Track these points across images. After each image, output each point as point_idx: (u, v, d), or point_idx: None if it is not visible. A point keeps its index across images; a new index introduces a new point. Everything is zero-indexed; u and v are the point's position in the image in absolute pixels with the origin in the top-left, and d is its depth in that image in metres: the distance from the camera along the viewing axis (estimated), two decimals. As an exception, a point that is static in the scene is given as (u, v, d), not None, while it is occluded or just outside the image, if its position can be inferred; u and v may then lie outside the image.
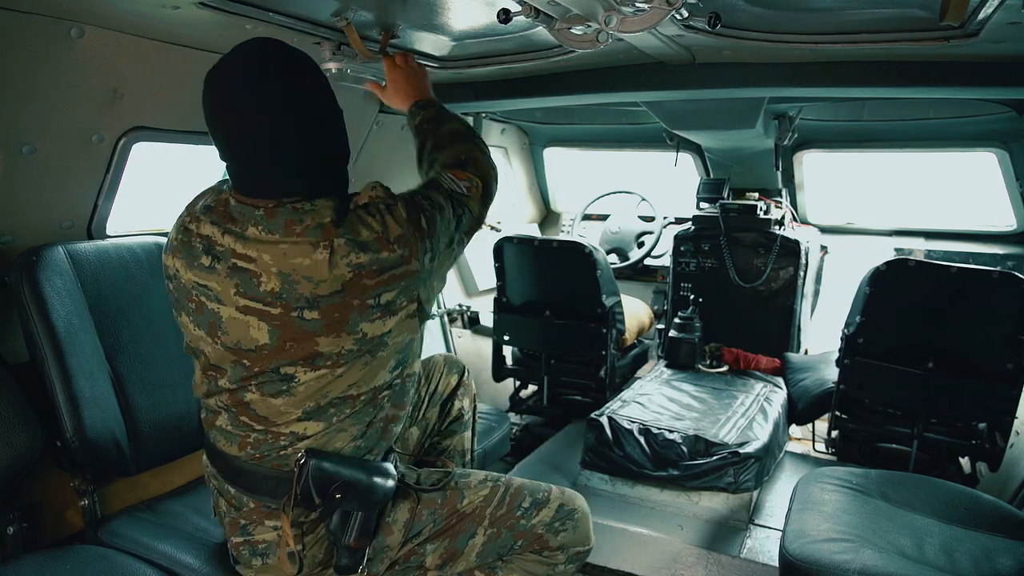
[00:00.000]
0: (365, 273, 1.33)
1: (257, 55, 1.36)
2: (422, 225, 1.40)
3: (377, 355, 1.43)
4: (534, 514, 1.67)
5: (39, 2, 1.62)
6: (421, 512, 1.59)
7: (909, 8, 1.77)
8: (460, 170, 1.62)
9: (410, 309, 1.42)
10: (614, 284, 3.46)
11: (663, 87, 2.57)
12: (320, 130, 1.41)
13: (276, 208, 1.36)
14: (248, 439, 1.48)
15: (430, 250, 1.42)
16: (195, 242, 1.42)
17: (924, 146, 3.82)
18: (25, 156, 1.90)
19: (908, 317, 2.76)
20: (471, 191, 1.58)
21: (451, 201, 1.51)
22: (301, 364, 1.38)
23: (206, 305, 1.42)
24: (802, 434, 3.47)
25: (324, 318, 1.34)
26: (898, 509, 1.98)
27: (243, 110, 1.34)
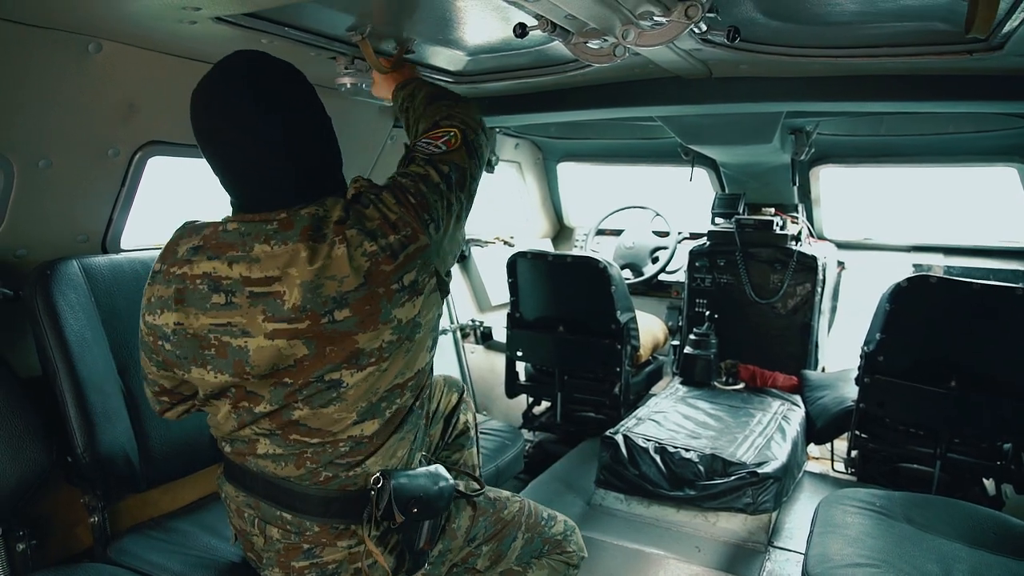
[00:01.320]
0: (381, 259, 1.33)
1: (243, 68, 1.36)
2: (411, 202, 1.40)
3: (415, 338, 1.43)
4: (552, 525, 1.88)
5: (57, 18, 1.62)
6: (478, 519, 1.71)
7: (931, 21, 1.74)
8: (435, 130, 1.62)
9: (432, 284, 1.43)
10: (629, 300, 3.43)
11: (679, 102, 2.55)
12: (317, 134, 1.43)
13: (290, 217, 1.34)
14: (305, 454, 1.43)
15: (432, 220, 1.41)
16: (197, 284, 1.34)
17: (943, 161, 3.77)
18: (42, 170, 1.90)
19: (930, 334, 2.71)
20: (450, 144, 1.56)
21: (431, 165, 1.49)
22: (345, 367, 1.35)
23: (230, 344, 1.34)
24: (820, 453, 3.41)
25: (356, 314, 1.32)
26: (923, 533, 1.92)
27: (240, 123, 1.32)
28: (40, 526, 1.94)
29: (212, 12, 1.61)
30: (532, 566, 1.87)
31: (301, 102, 1.40)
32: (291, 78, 1.40)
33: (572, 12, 1.53)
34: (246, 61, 1.37)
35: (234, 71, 1.35)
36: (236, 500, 1.55)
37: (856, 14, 1.75)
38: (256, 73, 1.35)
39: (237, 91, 1.33)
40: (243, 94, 1.33)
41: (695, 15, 1.52)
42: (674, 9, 1.54)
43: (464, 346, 4.30)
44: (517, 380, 3.76)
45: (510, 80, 2.51)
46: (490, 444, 2.70)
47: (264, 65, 1.37)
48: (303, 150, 1.38)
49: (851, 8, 1.71)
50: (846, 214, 4.36)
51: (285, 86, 1.38)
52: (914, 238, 4.18)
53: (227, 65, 1.36)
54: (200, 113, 1.35)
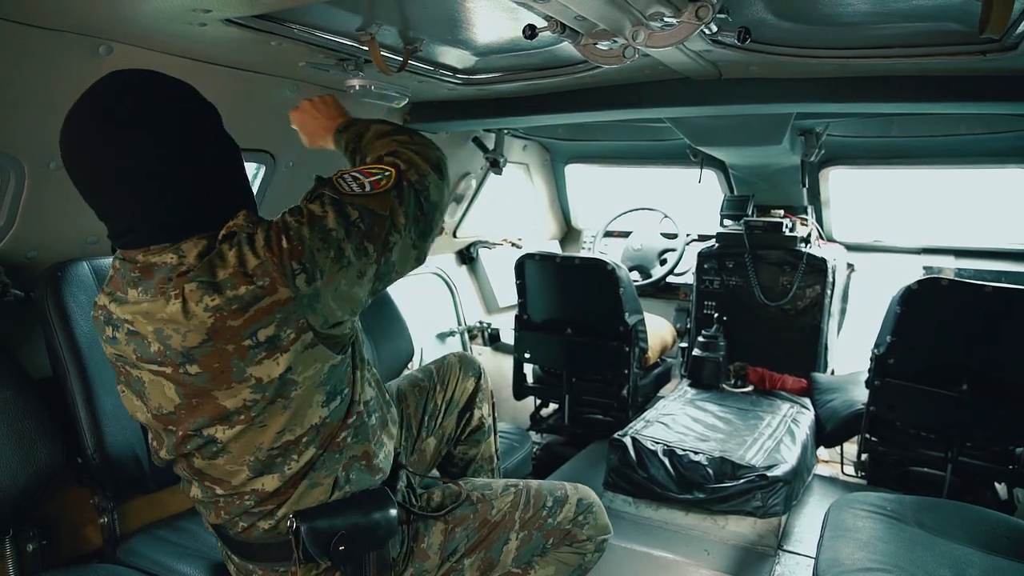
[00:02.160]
0: (227, 314, 1.19)
1: (110, 89, 1.24)
2: (283, 247, 1.21)
3: (291, 396, 1.29)
4: (558, 512, 1.71)
5: (69, 20, 1.63)
6: (455, 531, 1.59)
7: (944, 22, 1.73)
8: (371, 165, 1.41)
9: (305, 339, 1.26)
10: (637, 302, 3.42)
11: (689, 103, 2.55)
12: (189, 161, 1.26)
13: (148, 263, 1.25)
14: (219, 503, 1.42)
15: (303, 271, 1.21)
16: (99, 315, 1.35)
17: (954, 163, 3.75)
18: (52, 171, 1.91)
19: (941, 337, 2.68)
20: (377, 185, 1.33)
21: (335, 207, 1.27)
22: (217, 423, 1.29)
23: (130, 373, 1.34)
24: (830, 457, 3.38)
25: (206, 370, 1.23)
26: (936, 537, 1.91)
27: (95, 149, 1.21)
28: (50, 526, 1.95)
29: (222, 14, 1.62)
30: (535, 564, 1.69)
31: (170, 127, 1.24)
32: (166, 99, 1.26)
33: (582, 13, 1.52)
34: (115, 80, 1.25)
35: (99, 93, 1.24)
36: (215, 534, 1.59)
37: (867, 15, 1.75)
38: (121, 95, 1.23)
39: (96, 115, 1.22)
40: (100, 118, 1.21)
41: (706, 16, 1.51)
42: (684, 10, 1.54)
43: (472, 348, 4.30)
44: (525, 382, 3.76)
45: (518, 81, 2.51)
46: (499, 446, 2.70)
47: (133, 86, 1.25)
48: (167, 180, 1.23)
49: (862, 8, 1.71)
50: (856, 216, 4.33)
51: (153, 109, 1.23)
52: (925, 240, 4.15)
53: (95, 86, 1.25)
54: (63, 137, 1.25)
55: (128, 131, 1.20)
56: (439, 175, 1.45)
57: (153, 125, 1.22)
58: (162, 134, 1.23)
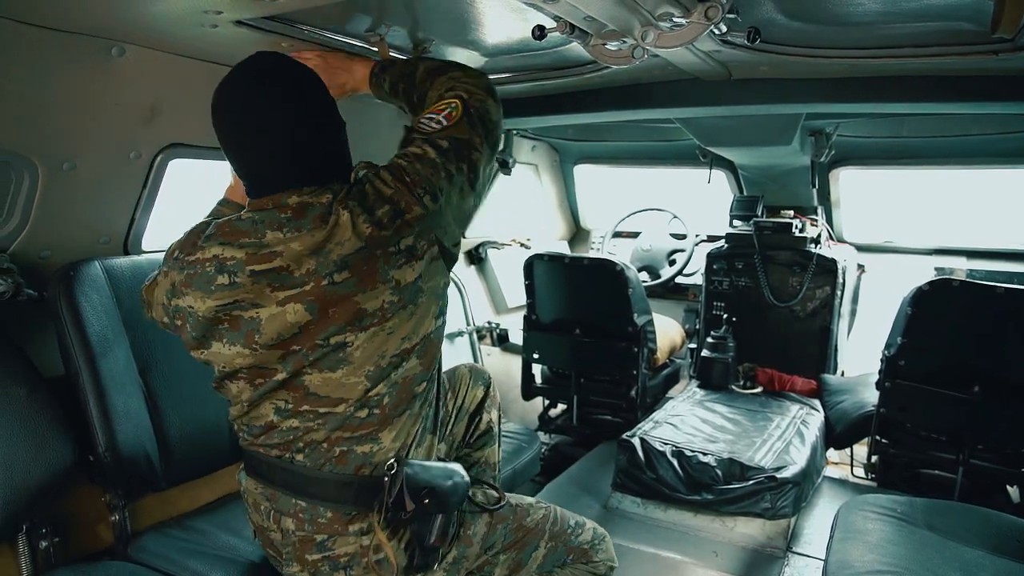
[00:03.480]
0: (380, 227, 1.41)
1: (259, 65, 1.47)
2: (406, 180, 1.45)
3: (418, 302, 1.47)
4: (580, 533, 1.84)
5: (82, 22, 1.64)
6: (496, 526, 1.70)
7: (956, 21, 1.72)
8: (438, 103, 1.64)
9: (432, 252, 1.48)
10: (646, 302, 3.41)
11: (698, 103, 2.54)
12: (322, 127, 1.50)
13: (304, 203, 1.43)
14: (313, 433, 1.48)
15: (428, 192, 1.46)
16: (205, 267, 1.43)
17: (966, 163, 3.72)
18: (66, 172, 1.93)
19: (952, 339, 2.67)
20: (451, 116, 1.58)
21: (428, 144, 1.53)
22: (350, 329, 1.41)
23: (242, 317, 1.42)
24: (840, 458, 3.37)
25: (355, 274, 1.39)
26: (946, 540, 1.90)
27: (252, 113, 1.44)
28: (62, 524, 1.96)
29: (233, 15, 1.63)
30: (553, 574, 1.83)
31: (309, 98, 1.48)
32: (302, 76, 1.50)
33: (591, 14, 1.52)
34: (262, 59, 1.48)
35: (250, 68, 1.46)
36: (254, 494, 1.59)
37: (878, 14, 1.74)
38: (270, 70, 1.46)
39: (251, 85, 1.44)
40: (256, 88, 1.44)
41: (715, 16, 1.51)
42: (694, 10, 1.54)
43: (480, 348, 4.30)
44: (533, 382, 3.76)
45: (528, 82, 2.51)
46: (506, 446, 2.70)
47: (278, 64, 1.48)
48: (310, 140, 1.47)
49: (873, 8, 1.70)
50: (867, 217, 4.31)
51: (295, 83, 1.47)
52: (936, 241, 4.12)
53: (245, 63, 1.47)
54: (218, 106, 1.46)
55: (285, 92, 1.45)
56: (494, 98, 1.69)
57: (301, 91, 1.48)
58: (306, 99, 1.48)
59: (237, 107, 1.44)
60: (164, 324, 1.57)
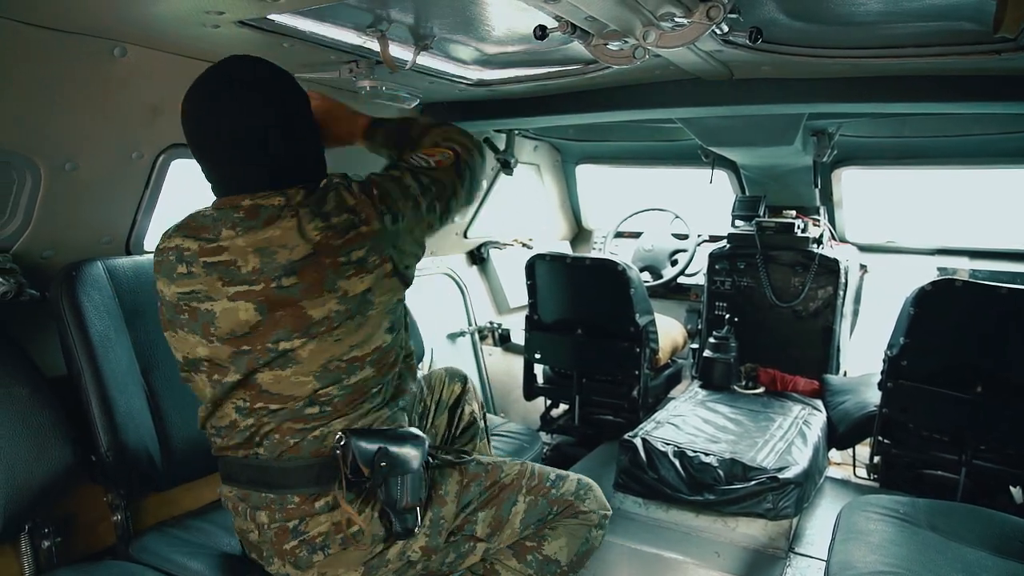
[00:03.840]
0: (331, 234, 1.43)
1: (228, 68, 1.48)
2: (373, 193, 1.49)
3: (367, 314, 1.49)
4: (560, 485, 1.81)
5: (84, 23, 1.65)
6: (469, 485, 1.70)
7: (958, 21, 1.72)
8: (431, 148, 1.73)
9: (385, 268, 1.49)
10: (648, 302, 3.41)
11: (700, 103, 2.54)
12: (290, 131, 1.51)
13: (255, 204, 1.45)
14: (267, 427, 1.52)
15: (389, 212, 1.49)
16: (169, 256, 1.51)
17: (968, 163, 3.71)
18: (68, 172, 1.93)
19: (955, 339, 2.66)
20: (441, 163, 1.66)
21: (410, 173, 1.60)
22: (297, 336, 1.44)
23: (198, 308, 1.48)
24: (842, 459, 3.36)
25: (302, 280, 1.42)
26: (949, 541, 1.89)
27: (216, 115, 1.45)
28: (64, 523, 1.97)
29: (234, 16, 1.63)
30: (547, 537, 1.79)
31: (277, 97, 1.49)
32: (271, 79, 1.50)
33: (592, 14, 1.52)
34: (232, 61, 1.49)
35: (220, 70, 1.48)
36: (231, 499, 1.63)
37: (880, 14, 1.74)
38: (238, 73, 1.48)
39: (221, 82, 1.46)
40: (225, 84, 1.46)
41: (717, 16, 1.51)
42: (695, 10, 1.53)
43: (482, 348, 4.30)
44: (535, 383, 3.75)
45: (529, 82, 2.51)
46: (508, 446, 2.70)
47: (247, 66, 1.49)
48: (274, 143, 1.47)
49: (875, 8, 1.70)
50: (869, 217, 4.30)
51: (264, 86, 1.48)
52: (939, 241, 4.11)
53: (216, 65, 1.48)
54: (188, 105, 1.47)
55: (248, 94, 1.45)
56: (483, 159, 1.83)
57: (267, 93, 1.48)
58: (271, 101, 1.48)
59: (201, 111, 1.46)
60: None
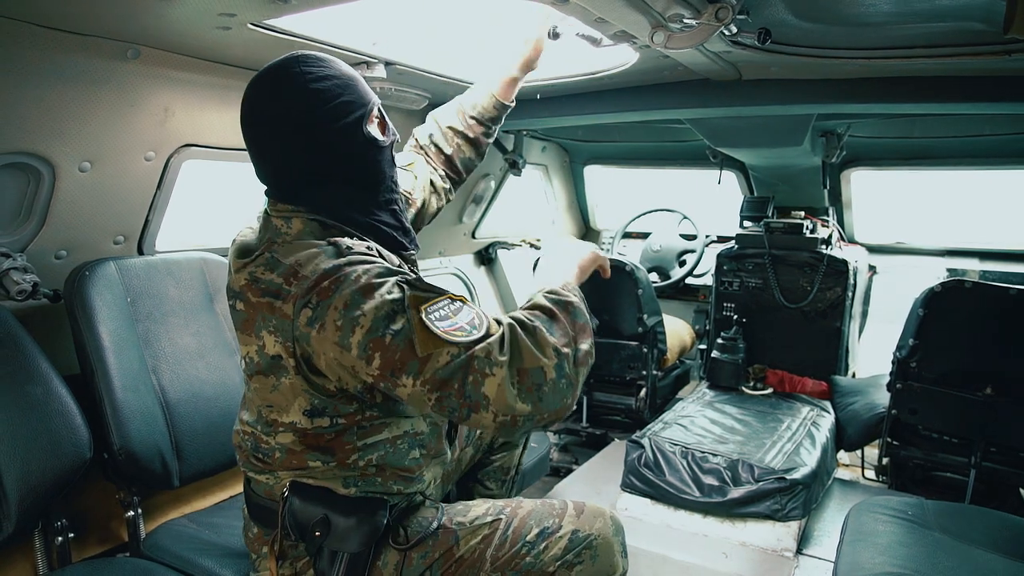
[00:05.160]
0: (257, 289, 1.31)
1: (274, 73, 1.39)
2: (323, 284, 1.23)
3: (281, 381, 1.34)
4: (543, 548, 1.44)
5: (98, 25, 1.66)
6: (411, 556, 1.44)
7: (968, 21, 1.71)
8: (478, 314, 1.27)
9: (289, 362, 1.31)
10: (656, 303, 3.41)
11: (708, 104, 2.54)
12: (296, 148, 1.38)
13: (263, 221, 1.43)
14: (246, 446, 1.50)
15: (312, 310, 1.23)
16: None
17: (979, 164, 3.69)
18: (81, 173, 1.95)
19: (964, 340, 2.65)
20: (452, 330, 1.20)
21: (394, 303, 1.21)
22: (244, 360, 1.43)
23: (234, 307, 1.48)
24: (850, 460, 3.35)
25: (245, 310, 1.35)
26: (958, 543, 1.88)
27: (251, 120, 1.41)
28: (77, 520, 1.99)
29: (246, 19, 1.64)
30: None
31: (285, 115, 1.36)
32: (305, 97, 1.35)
33: (602, 15, 1.53)
34: (282, 67, 1.39)
35: (269, 73, 1.40)
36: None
37: (890, 14, 1.73)
38: (281, 81, 1.37)
39: (260, 90, 1.39)
40: (255, 98, 1.39)
41: (725, 17, 1.52)
42: (704, 11, 1.54)
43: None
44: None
45: (538, 82, 2.51)
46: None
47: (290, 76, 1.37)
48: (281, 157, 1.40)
49: (885, 8, 1.69)
50: (878, 217, 4.29)
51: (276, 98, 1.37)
52: (948, 242, 4.10)
53: (269, 68, 1.40)
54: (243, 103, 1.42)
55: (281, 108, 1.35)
56: (531, 402, 1.20)
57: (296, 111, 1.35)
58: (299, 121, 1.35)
59: (245, 107, 1.41)
60: None
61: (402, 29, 2.02)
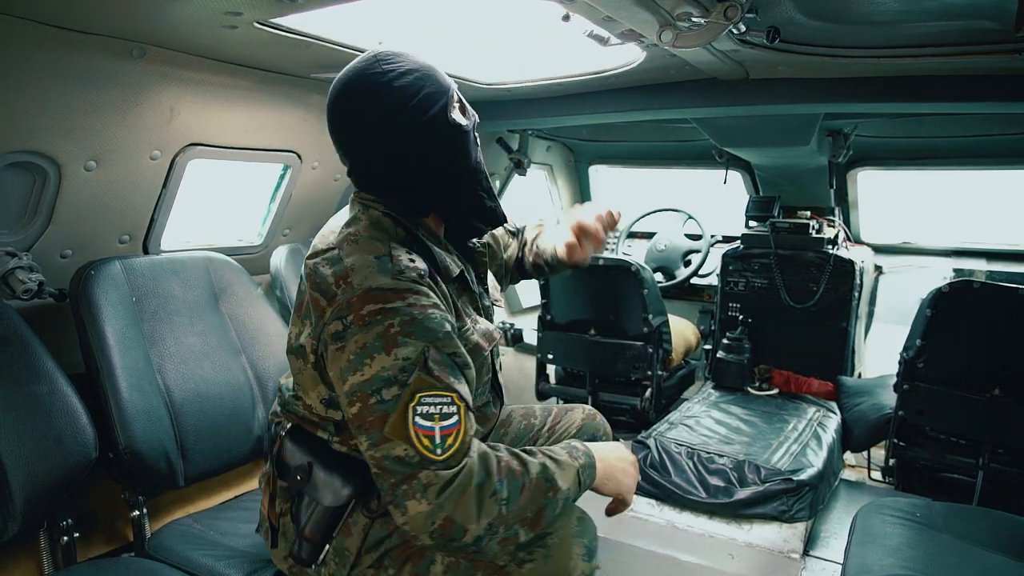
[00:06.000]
0: (312, 279, 1.38)
1: (352, 76, 1.41)
2: (361, 312, 1.26)
3: (306, 366, 1.41)
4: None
5: (104, 24, 1.66)
6: (376, 523, 1.47)
7: (979, 20, 1.70)
8: (456, 428, 1.24)
9: (310, 357, 1.39)
10: (661, 303, 3.40)
11: (715, 103, 2.53)
12: (387, 147, 1.41)
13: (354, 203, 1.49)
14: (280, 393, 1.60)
15: (340, 329, 1.28)
16: None
17: (986, 164, 3.67)
18: (87, 172, 1.95)
19: (972, 341, 2.63)
20: (429, 435, 1.21)
21: (401, 369, 1.23)
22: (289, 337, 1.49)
23: None
24: (857, 461, 3.34)
25: (302, 296, 1.42)
26: (966, 544, 1.87)
27: (337, 129, 1.44)
28: (82, 520, 1.99)
29: (252, 17, 1.64)
30: None
31: (378, 119, 1.38)
32: (375, 98, 1.37)
33: (609, 14, 1.52)
34: (368, 73, 1.39)
35: (354, 76, 1.40)
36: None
37: (899, 13, 1.72)
38: (360, 86, 1.39)
39: (340, 93, 1.41)
40: (342, 104, 1.41)
41: (734, 16, 1.51)
42: (713, 10, 1.53)
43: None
44: (547, 383, 3.75)
45: (543, 82, 2.51)
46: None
47: (376, 84, 1.37)
48: (374, 156, 1.43)
49: (893, 7, 1.68)
50: (884, 218, 4.27)
51: (382, 104, 1.37)
52: (955, 242, 4.08)
53: (357, 69, 1.41)
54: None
55: (364, 111, 1.38)
56: (477, 523, 1.23)
57: (379, 116, 1.37)
58: (378, 123, 1.38)
59: (331, 113, 1.42)
60: None
61: (408, 28, 2.01)
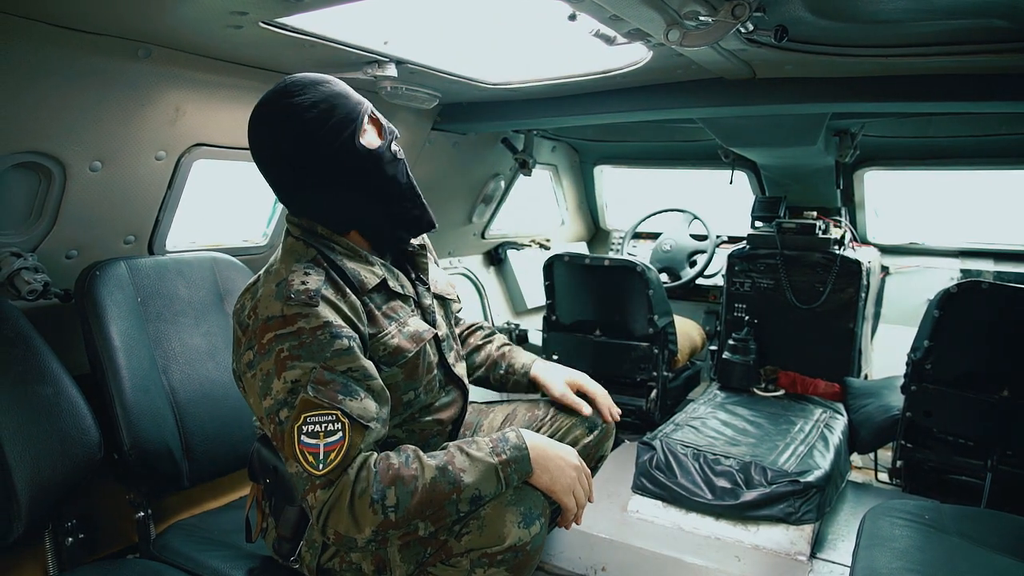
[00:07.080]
0: (236, 311, 1.54)
1: (261, 107, 1.49)
2: (262, 342, 1.38)
3: (241, 388, 1.56)
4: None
5: (109, 24, 1.66)
6: None
7: (988, 18, 1.68)
8: (335, 441, 1.31)
9: (238, 382, 1.56)
10: (667, 304, 3.39)
11: (722, 103, 2.51)
12: (300, 172, 1.49)
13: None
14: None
15: (252, 358, 1.41)
16: None
17: (995, 164, 3.65)
18: (92, 172, 1.95)
19: (980, 342, 2.62)
20: (312, 450, 1.30)
21: (288, 388, 1.34)
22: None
23: None
24: (864, 463, 3.32)
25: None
26: (976, 547, 1.85)
27: (256, 156, 1.54)
28: (87, 521, 1.99)
29: (258, 17, 1.63)
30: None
31: (288, 149, 1.46)
32: (282, 129, 1.46)
33: (617, 13, 1.51)
34: (272, 94, 1.48)
35: (268, 97, 1.49)
36: None
37: (908, 11, 1.71)
38: (269, 118, 1.48)
39: (255, 130, 1.51)
40: (255, 135, 1.51)
41: (742, 15, 1.50)
42: (721, 8, 1.52)
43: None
44: (552, 383, 3.74)
45: (548, 82, 2.50)
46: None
47: (275, 103, 1.46)
48: (287, 181, 1.52)
49: (903, 5, 1.67)
50: (891, 218, 4.25)
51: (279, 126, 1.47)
52: (962, 243, 4.05)
53: (275, 90, 1.49)
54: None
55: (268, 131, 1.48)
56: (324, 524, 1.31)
57: (280, 138, 1.46)
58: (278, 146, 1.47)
59: (249, 139, 1.50)
60: None
61: (414, 28, 2.00)
